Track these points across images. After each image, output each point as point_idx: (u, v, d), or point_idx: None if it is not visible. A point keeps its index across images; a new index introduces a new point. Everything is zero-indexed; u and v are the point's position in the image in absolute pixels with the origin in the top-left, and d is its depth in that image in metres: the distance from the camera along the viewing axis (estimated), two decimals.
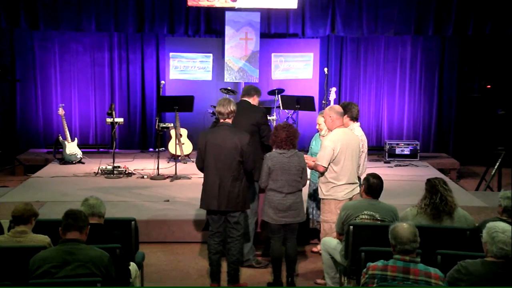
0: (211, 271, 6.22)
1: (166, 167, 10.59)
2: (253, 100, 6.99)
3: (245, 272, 6.62)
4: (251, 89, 7.07)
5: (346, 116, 6.69)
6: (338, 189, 6.33)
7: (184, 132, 11.35)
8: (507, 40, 12.44)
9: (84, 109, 12.62)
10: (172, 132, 11.13)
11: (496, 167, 9.86)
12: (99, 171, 10.21)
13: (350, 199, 6.31)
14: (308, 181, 7.06)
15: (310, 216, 7.28)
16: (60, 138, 11.24)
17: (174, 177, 9.84)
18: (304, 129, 11.10)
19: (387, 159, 11.75)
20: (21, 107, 12.50)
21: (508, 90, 11.74)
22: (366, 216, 5.62)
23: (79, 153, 11.20)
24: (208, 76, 12.50)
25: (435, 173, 10.41)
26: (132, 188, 9.33)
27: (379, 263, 4.30)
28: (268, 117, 7.26)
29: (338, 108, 6.58)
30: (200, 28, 12.59)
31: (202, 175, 6.26)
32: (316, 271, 6.70)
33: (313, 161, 6.52)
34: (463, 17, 12.34)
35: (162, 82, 11.87)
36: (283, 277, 6.29)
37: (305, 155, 6.69)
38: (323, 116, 6.84)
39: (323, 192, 6.41)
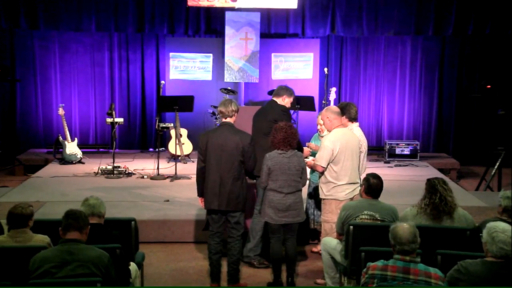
0: (211, 271, 6.23)
1: (166, 167, 10.59)
2: (282, 100, 6.90)
3: (245, 272, 6.62)
4: (280, 89, 6.97)
5: (344, 117, 6.69)
6: (339, 189, 6.33)
7: (184, 132, 11.35)
8: (507, 40, 12.44)
9: (84, 109, 12.62)
10: (172, 132, 11.13)
11: (496, 167, 9.86)
12: (99, 171, 10.21)
13: (351, 199, 6.31)
14: (307, 181, 7.06)
15: (312, 217, 7.27)
16: (60, 138, 11.23)
17: (174, 177, 9.84)
18: (304, 129, 11.09)
19: (387, 159, 11.74)
20: (21, 107, 12.50)
21: (508, 90, 11.73)
22: (366, 216, 5.62)
23: (79, 153, 11.20)
24: (208, 76, 12.49)
25: (435, 173, 10.41)
26: (132, 188, 9.32)
27: (379, 263, 4.30)
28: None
29: (335, 108, 6.60)
30: (200, 28, 12.60)
31: None
32: (316, 271, 6.69)
33: (313, 160, 6.53)
34: (463, 17, 12.34)
35: (162, 82, 11.87)
36: (283, 277, 6.28)
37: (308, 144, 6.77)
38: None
39: (323, 192, 6.40)
